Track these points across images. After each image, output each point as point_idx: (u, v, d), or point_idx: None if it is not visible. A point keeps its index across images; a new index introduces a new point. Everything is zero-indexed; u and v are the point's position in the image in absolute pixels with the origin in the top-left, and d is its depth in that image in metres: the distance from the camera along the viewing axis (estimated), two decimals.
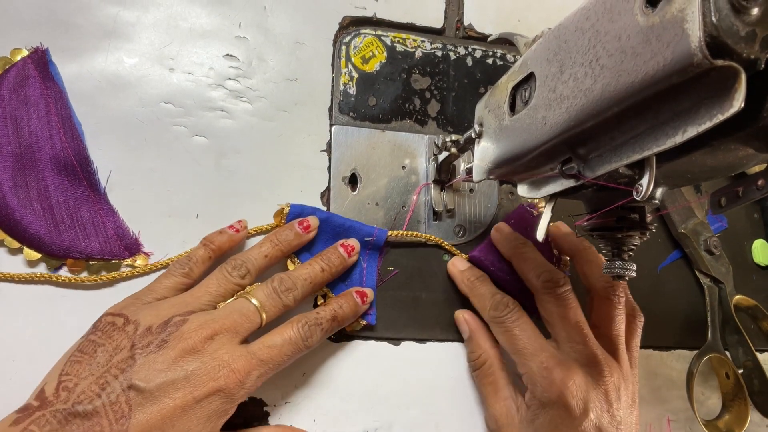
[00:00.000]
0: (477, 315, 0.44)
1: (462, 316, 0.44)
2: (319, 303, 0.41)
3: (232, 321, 0.34)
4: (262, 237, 0.41)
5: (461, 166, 0.46)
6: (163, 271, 0.39)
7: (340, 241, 0.41)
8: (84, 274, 0.38)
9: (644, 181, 0.24)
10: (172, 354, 0.31)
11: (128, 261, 0.39)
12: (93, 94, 0.40)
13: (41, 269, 0.38)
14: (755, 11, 0.18)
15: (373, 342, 0.43)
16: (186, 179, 0.41)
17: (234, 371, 0.32)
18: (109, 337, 0.32)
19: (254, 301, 0.35)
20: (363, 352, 0.43)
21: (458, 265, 0.44)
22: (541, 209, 0.45)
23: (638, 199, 0.25)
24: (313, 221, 0.41)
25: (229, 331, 0.34)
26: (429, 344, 0.44)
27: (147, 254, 0.40)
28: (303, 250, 0.41)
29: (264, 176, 0.43)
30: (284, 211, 0.41)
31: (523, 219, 0.45)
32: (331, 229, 0.42)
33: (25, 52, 0.39)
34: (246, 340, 0.35)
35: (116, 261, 0.39)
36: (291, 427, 0.39)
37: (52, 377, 0.31)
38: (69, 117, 0.39)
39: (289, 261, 0.41)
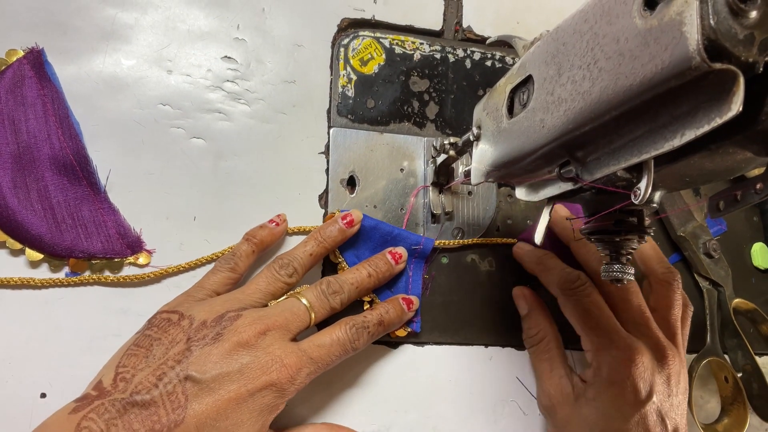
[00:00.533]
0: (534, 293, 0.45)
1: (521, 292, 0.45)
2: (365, 309, 0.42)
3: (284, 318, 0.35)
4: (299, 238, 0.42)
5: (459, 168, 0.46)
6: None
7: (388, 249, 0.42)
8: (87, 273, 0.38)
9: (642, 184, 0.24)
10: (226, 346, 0.32)
11: (131, 259, 0.39)
12: (91, 96, 0.40)
13: (43, 270, 0.38)
14: (753, 14, 0.18)
15: (370, 345, 0.43)
16: (184, 181, 0.41)
17: (286, 366, 0.33)
18: (165, 332, 0.33)
19: (304, 300, 0.36)
20: (361, 356, 0.42)
21: (524, 247, 0.45)
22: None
23: (636, 202, 0.24)
24: (356, 215, 0.41)
25: (281, 328, 0.35)
26: (427, 347, 0.44)
27: (149, 252, 0.40)
28: (350, 254, 0.42)
29: (262, 178, 0.43)
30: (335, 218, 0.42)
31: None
32: (379, 237, 0.42)
33: (21, 53, 0.39)
34: (295, 339, 0.36)
35: (119, 259, 0.39)
36: (337, 425, 0.39)
37: (109, 369, 0.32)
38: (67, 117, 0.39)
39: (332, 255, 0.42)
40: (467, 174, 0.37)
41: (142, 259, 0.39)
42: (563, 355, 0.42)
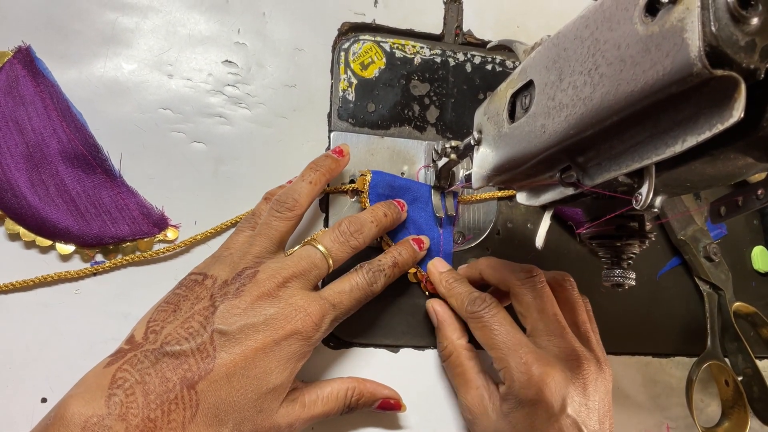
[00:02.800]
0: (449, 307, 0.43)
1: (432, 306, 0.43)
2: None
3: (302, 268, 0.35)
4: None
5: (460, 172, 0.46)
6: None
7: (396, 200, 0.43)
8: (119, 257, 0.39)
9: (644, 189, 0.24)
10: (249, 299, 0.33)
11: (159, 236, 0.40)
12: (91, 100, 0.40)
13: (76, 261, 0.39)
14: (755, 21, 0.18)
15: (371, 349, 0.43)
16: (184, 186, 0.41)
17: (309, 315, 0.34)
18: (191, 290, 0.35)
19: (321, 248, 0.37)
20: (361, 359, 0.42)
21: (438, 267, 0.44)
22: None
23: (638, 207, 0.24)
24: (345, 147, 0.42)
25: (300, 278, 0.35)
26: (428, 351, 0.44)
27: (176, 227, 0.41)
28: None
29: (262, 183, 0.43)
30: (366, 178, 0.43)
31: None
32: (409, 195, 0.44)
33: (10, 54, 0.39)
34: (316, 287, 0.37)
35: (148, 239, 0.40)
36: (362, 379, 0.40)
37: (141, 325, 0.33)
38: (68, 108, 0.39)
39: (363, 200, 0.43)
40: (468, 178, 0.37)
41: (170, 234, 0.40)
42: (477, 366, 0.40)
